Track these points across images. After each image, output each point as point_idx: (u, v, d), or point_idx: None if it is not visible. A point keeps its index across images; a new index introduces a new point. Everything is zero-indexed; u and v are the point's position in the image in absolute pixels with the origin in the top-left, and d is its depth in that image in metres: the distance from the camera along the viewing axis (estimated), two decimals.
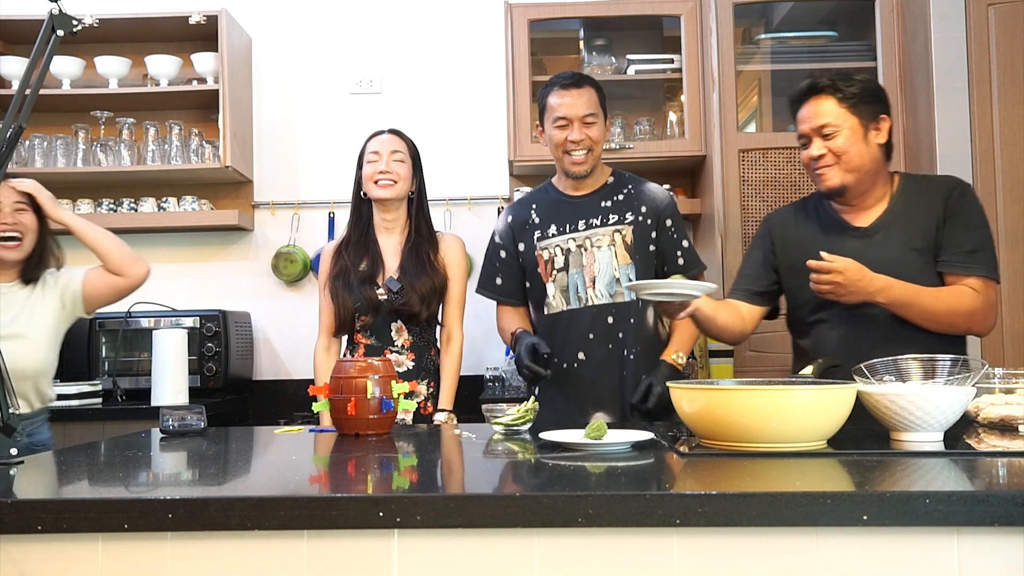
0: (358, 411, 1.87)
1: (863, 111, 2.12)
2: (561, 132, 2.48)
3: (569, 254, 2.52)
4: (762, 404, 1.47)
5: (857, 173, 2.11)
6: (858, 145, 2.11)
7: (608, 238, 2.51)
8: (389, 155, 2.63)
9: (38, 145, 3.55)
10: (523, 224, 2.59)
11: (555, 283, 2.52)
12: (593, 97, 2.51)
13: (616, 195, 2.56)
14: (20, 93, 1.63)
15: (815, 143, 2.14)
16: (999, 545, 1.13)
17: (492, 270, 2.63)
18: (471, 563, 1.16)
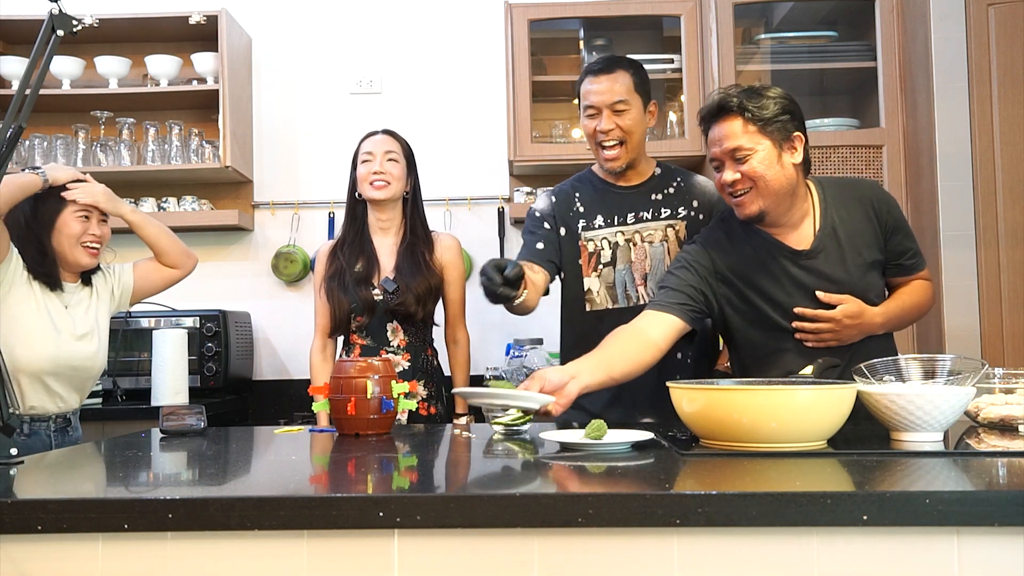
0: (358, 411, 1.87)
1: (774, 132, 1.96)
2: (591, 122, 2.33)
3: (617, 248, 2.37)
4: (762, 404, 1.47)
5: (775, 197, 1.97)
6: (773, 168, 1.95)
7: (661, 233, 2.37)
8: (383, 155, 2.63)
9: (38, 145, 3.54)
10: (567, 209, 2.41)
11: (600, 278, 2.37)
12: (626, 82, 2.31)
13: (666, 188, 2.42)
14: (20, 93, 1.63)
15: (728, 168, 1.98)
16: (999, 545, 1.13)
17: (532, 238, 2.39)
18: (471, 563, 1.16)
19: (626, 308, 2.32)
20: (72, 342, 2.37)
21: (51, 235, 2.36)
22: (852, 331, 2.00)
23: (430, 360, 2.67)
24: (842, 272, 2.02)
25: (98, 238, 2.43)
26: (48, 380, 2.34)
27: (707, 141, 2.05)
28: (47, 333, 2.33)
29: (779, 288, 2.03)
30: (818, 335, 2.00)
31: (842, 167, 3.19)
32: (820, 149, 3.21)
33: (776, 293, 2.03)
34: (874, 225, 2.05)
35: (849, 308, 1.98)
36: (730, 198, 2.02)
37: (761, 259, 2.05)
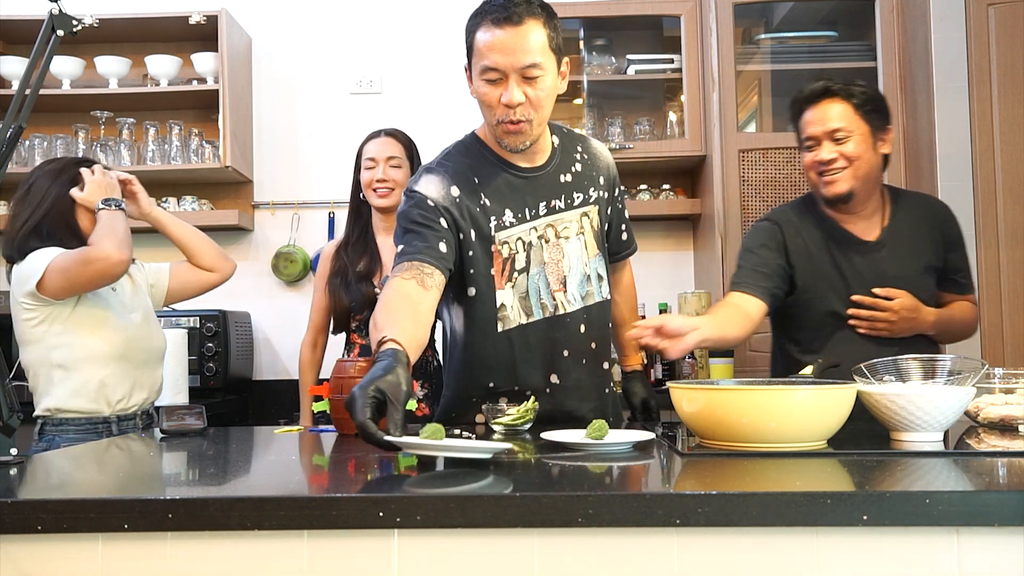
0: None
1: (873, 119, 2.10)
2: (492, 90, 1.82)
3: (530, 248, 1.89)
4: (762, 404, 1.47)
5: (864, 180, 2.10)
6: (868, 152, 2.09)
7: (576, 224, 1.93)
8: (385, 162, 2.64)
9: (38, 145, 3.55)
10: (474, 204, 1.87)
11: (514, 289, 1.88)
12: (540, 37, 1.80)
13: (572, 165, 1.97)
14: (20, 93, 1.63)
15: (825, 146, 2.09)
16: (999, 545, 1.13)
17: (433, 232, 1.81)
18: (471, 563, 1.16)
19: (542, 319, 1.89)
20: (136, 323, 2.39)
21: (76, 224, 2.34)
22: (905, 325, 2.08)
23: (429, 360, 2.66)
24: (902, 269, 2.13)
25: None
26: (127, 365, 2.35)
27: (800, 122, 2.15)
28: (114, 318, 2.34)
29: (839, 275, 2.14)
30: (872, 323, 2.08)
31: None
32: None
33: (836, 279, 2.14)
34: (937, 235, 2.17)
35: (906, 302, 2.07)
36: (819, 177, 2.11)
37: (828, 245, 2.16)
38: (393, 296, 1.73)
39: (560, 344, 1.92)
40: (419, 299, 1.73)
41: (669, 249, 3.74)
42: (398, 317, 1.65)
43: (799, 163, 3.18)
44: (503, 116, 1.81)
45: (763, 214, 3.11)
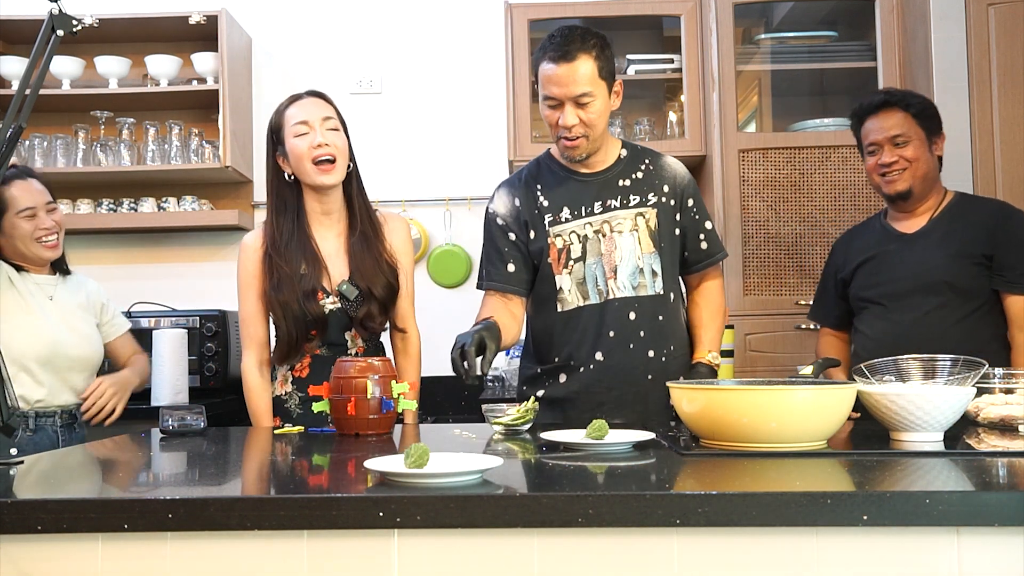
0: (358, 411, 1.87)
1: (928, 125, 2.37)
2: (553, 113, 2.15)
3: (586, 241, 2.19)
4: (762, 404, 1.47)
5: (923, 180, 2.35)
6: (925, 154, 2.36)
7: (630, 222, 2.19)
8: (321, 123, 2.17)
9: (38, 145, 3.54)
10: (532, 206, 2.22)
11: (571, 275, 2.18)
12: (590, 69, 2.10)
13: (634, 172, 2.24)
14: (20, 93, 1.63)
15: (887, 151, 2.35)
16: (999, 545, 1.13)
17: (498, 257, 2.22)
18: (471, 563, 1.16)
19: (597, 304, 2.17)
20: (64, 331, 2.44)
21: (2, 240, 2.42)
22: None
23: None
24: (928, 255, 2.32)
25: (51, 229, 2.44)
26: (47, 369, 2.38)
27: (861, 130, 2.43)
28: (38, 322, 2.39)
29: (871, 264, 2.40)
30: None
31: (842, 167, 3.19)
32: (820, 149, 3.21)
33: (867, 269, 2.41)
34: (982, 230, 2.32)
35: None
36: (882, 179, 2.37)
37: (872, 243, 2.43)
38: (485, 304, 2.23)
39: (608, 326, 2.17)
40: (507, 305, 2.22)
41: None
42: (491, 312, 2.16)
43: (799, 163, 3.21)
44: (561, 134, 2.16)
45: (765, 214, 3.18)
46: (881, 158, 2.36)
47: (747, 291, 3.21)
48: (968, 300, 2.29)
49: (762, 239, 3.22)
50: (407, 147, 3.70)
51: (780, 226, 3.21)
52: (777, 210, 3.22)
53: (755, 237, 3.22)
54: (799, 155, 3.20)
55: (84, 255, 3.66)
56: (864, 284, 2.42)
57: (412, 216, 3.68)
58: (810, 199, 3.22)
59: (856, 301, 2.45)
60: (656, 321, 2.19)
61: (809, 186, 3.20)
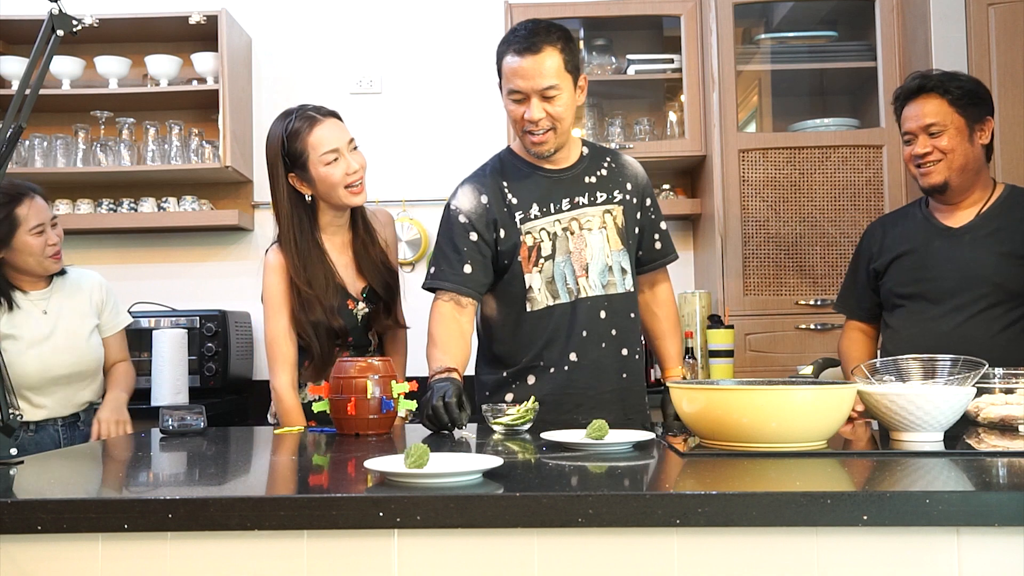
0: (358, 411, 1.87)
1: (969, 111, 2.20)
2: (518, 108, 2.11)
3: (556, 239, 2.16)
4: (762, 404, 1.47)
5: (960, 172, 2.20)
6: (963, 144, 2.19)
7: (599, 219, 2.18)
8: (347, 147, 2.21)
9: (38, 145, 3.55)
10: (501, 204, 2.17)
11: (541, 274, 2.15)
12: (556, 62, 2.06)
13: (598, 169, 2.23)
14: (20, 93, 1.63)
15: (920, 140, 2.21)
16: (999, 545, 1.13)
17: (458, 256, 2.15)
18: (471, 563, 1.16)
19: (567, 303, 2.15)
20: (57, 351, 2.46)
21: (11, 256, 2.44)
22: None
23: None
24: (977, 252, 2.19)
25: (57, 244, 2.49)
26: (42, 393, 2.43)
27: (901, 118, 2.27)
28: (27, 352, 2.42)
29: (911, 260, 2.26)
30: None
31: (842, 167, 3.19)
32: (820, 149, 3.21)
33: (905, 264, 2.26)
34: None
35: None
36: (917, 169, 2.24)
37: (914, 235, 2.28)
38: (439, 320, 2.13)
39: (580, 325, 2.16)
40: (459, 316, 2.14)
41: None
42: (449, 344, 2.09)
43: (799, 163, 3.21)
44: (527, 128, 2.12)
45: (765, 214, 3.18)
46: (915, 148, 2.23)
47: (747, 291, 3.21)
48: (1018, 304, 2.16)
49: (762, 239, 3.22)
50: (407, 147, 3.70)
51: (780, 226, 3.22)
52: (777, 210, 3.23)
53: (755, 237, 3.22)
54: (799, 155, 3.20)
55: (84, 255, 3.66)
56: (902, 279, 2.27)
57: (412, 216, 3.68)
58: (810, 199, 3.22)
59: (891, 296, 2.30)
60: (626, 319, 2.21)
61: (809, 186, 3.21)
